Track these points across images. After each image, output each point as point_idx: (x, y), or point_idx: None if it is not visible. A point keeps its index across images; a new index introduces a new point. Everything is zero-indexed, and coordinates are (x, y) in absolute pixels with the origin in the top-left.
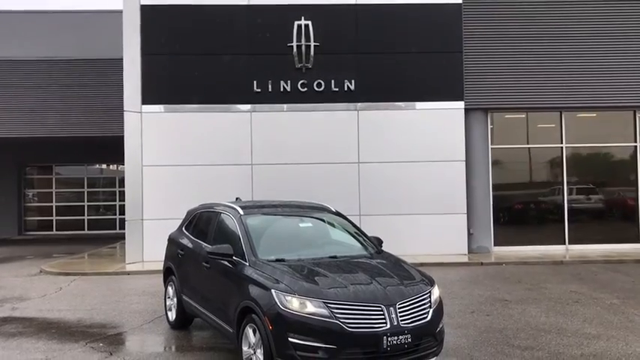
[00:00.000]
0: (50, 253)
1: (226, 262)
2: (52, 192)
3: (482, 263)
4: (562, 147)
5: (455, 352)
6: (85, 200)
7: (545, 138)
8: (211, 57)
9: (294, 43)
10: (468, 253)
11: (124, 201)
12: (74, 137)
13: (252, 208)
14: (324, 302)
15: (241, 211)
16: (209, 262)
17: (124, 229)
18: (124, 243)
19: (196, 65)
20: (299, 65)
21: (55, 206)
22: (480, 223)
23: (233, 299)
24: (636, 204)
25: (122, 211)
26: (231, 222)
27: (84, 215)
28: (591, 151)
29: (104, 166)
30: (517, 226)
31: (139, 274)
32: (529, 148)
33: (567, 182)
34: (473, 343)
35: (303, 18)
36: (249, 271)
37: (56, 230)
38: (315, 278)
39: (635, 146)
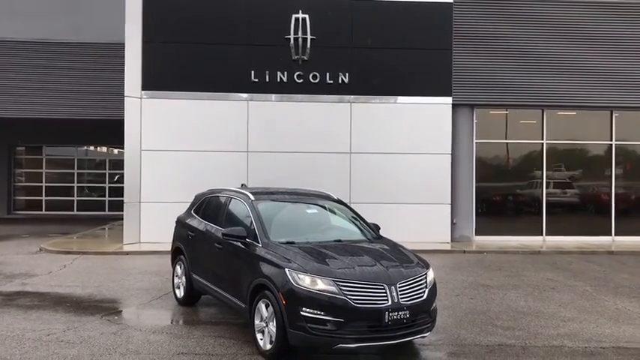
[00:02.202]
0: (44, 232)
1: (239, 244)
2: (42, 172)
3: (464, 251)
4: (543, 143)
5: (444, 330)
6: (75, 181)
7: (526, 134)
8: (211, 46)
9: (292, 36)
10: (451, 241)
11: (113, 183)
12: (66, 119)
13: (262, 194)
14: (333, 280)
15: (252, 197)
16: (221, 243)
17: (114, 210)
18: (115, 224)
19: (196, 54)
20: (295, 57)
21: (45, 186)
22: (463, 213)
23: (246, 277)
24: (609, 199)
25: (112, 193)
26: (242, 207)
27: (73, 196)
28: (570, 148)
29: (91, 148)
30: (497, 217)
31: (137, 254)
32: (511, 143)
33: (546, 177)
34: (459, 322)
35: (300, 11)
36: (262, 252)
37: (45, 210)
38: (326, 260)
39: (611, 144)
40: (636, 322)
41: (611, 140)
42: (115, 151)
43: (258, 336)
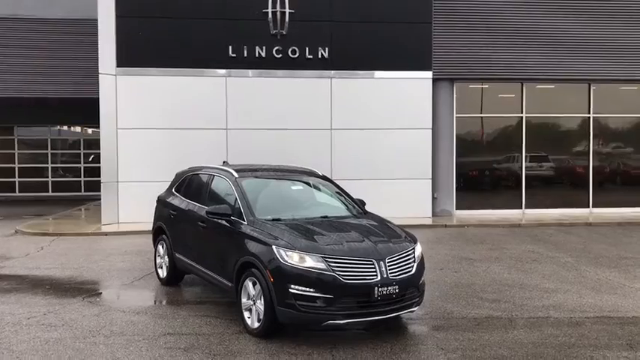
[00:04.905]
0: (18, 214)
1: (224, 222)
2: (14, 153)
3: (445, 225)
4: (522, 117)
5: (430, 304)
6: (49, 162)
7: (506, 108)
8: (187, 21)
9: (270, 10)
10: (432, 216)
11: (88, 163)
12: (38, 98)
13: (246, 171)
14: (322, 257)
15: (236, 174)
16: (205, 221)
17: (90, 191)
18: (92, 205)
19: (172, 29)
20: (274, 31)
21: (18, 168)
22: (444, 188)
23: (232, 255)
24: (587, 172)
25: (87, 174)
26: (225, 184)
27: (48, 177)
28: (549, 121)
29: (65, 127)
30: (477, 192)
31: (116, 234)
32: (491, 117)
33: (526, 150)
34: (445, 296)
35: None
36: (248, 230)
37: (19, 192)
38: (314, 236)
39: (589, 117)
40: (617, 291)
41: (589, 113)
42: (90, 130)
43: (246, 314)
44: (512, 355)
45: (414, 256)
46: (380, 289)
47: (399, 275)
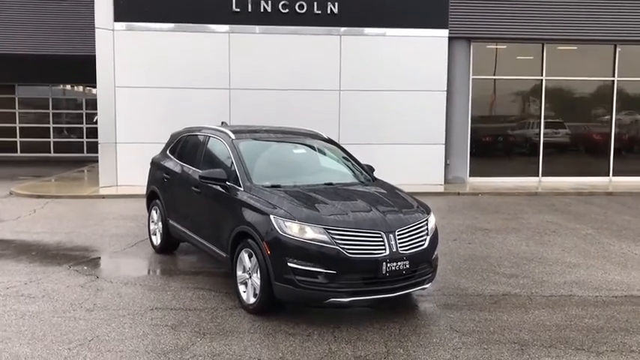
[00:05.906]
0: (16, 175)
1: (219, 187)
2: (15, 113)
3: (459, 193)
4: (542, 79)
5: (443, 278)
6: (51, 122)
7: (525, 70)
8: None
9: None
10: (445, 183)
11: (91, 124)
12: (36, 56)
13: (244, 132)
14: (324, 228)
15: (233, 136)
16: (199, 186)
17: (92, 152)
18: (93, 166)
19: None
20: None
21: (19, 127)
22: (457, 154)
23: (227, 224)
24: (608, 138)
25: (89, 134)
26: (222, 146)
27: (49, 137)
28: (570, 85)
29: (68, 86)
30: (492, 158)
31: (114, 197)
32: (510, 79)
33: (545, 115)
34: (458, 270)
35: None
36: (245, 197)
37: (20, 152)
38: (316, 205)
39: (613, 81)
40: None
41: (614, 76)
42: (94, 90)
43: (241, 288)
44: (535, 340)
45: (426, 229)
46: (388, 265)
47: (409, 249)
